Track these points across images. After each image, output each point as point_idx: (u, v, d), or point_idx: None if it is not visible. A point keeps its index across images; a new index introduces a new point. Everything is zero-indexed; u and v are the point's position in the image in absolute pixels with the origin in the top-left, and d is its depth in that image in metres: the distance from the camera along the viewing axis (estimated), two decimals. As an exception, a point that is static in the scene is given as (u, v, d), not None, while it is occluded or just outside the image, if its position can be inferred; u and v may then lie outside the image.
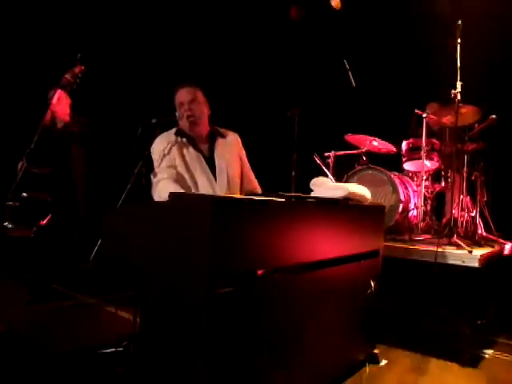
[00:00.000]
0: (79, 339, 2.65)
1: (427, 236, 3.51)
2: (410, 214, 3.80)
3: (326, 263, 2.08)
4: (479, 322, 3.27)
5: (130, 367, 2.06)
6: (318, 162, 4.07)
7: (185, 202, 1.54)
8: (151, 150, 2.47)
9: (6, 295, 2.36)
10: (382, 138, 4.10)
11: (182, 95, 2.49)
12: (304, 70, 5.38)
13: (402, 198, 3.71)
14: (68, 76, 3.61)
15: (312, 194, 2.27)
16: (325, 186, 2.27)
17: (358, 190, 2.33)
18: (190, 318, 1.51)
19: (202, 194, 1.62)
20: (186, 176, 2.43)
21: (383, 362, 2.54)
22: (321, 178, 2.33)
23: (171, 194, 1.58)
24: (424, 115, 3.60)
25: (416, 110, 3.75)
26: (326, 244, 2.07)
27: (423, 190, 3.66)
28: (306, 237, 1.90)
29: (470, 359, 2.65)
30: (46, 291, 3.67)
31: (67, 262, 3.95)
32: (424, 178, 3.67)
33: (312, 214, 1.97)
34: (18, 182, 3.49)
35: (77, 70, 3.60)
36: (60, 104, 3.78)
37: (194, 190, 2.40)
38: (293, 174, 3.84)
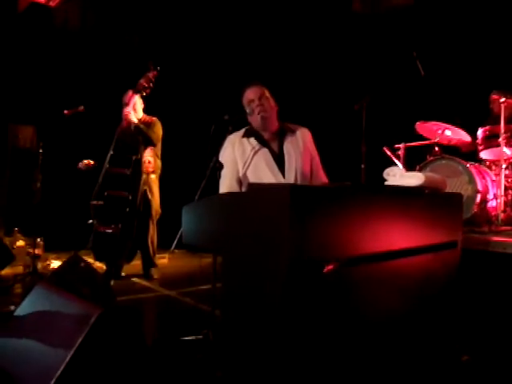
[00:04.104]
0: (162, 328, 2.80)
1: (509, 228, 3.33)
2: (489, 204, 3.61)
3: (402, 253, 2.04)
4: None
5: (209, 353, 2.17)
6: (389, 154, 3.99)
7: (264, 191, 1.59)
8: (220, 153, 2.53)
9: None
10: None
11: (251, 93, 2.56)
12: (371, 63, 5.29)
13: (480, 188, 3.53)
14: (143, 81, 3.85)
15: (386, 184, 2.24)
16: (399, 175, 2.23)
17: (434, 178, 2.26)
18: (269, 307, 1.55)
19: (280, 183, 1.67)
20: (252, 178, 2.47)
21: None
22: (395, 168, 2.29)
23: (250, 185, 1.63)
24: (502, 99, 3.40)
25: (493, 96, 3.56)
26: (401, 234, 2.02)
27: (503, 180, 3.47)
28: (381, 226, 1.87)
29: None
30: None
31: (144, 256, 4.16)
32: (504, 166, 3.48)
33: (387, 202, 1.95)
34: (101, 182, 3.76)
35: (150, 74, 3.83)
36: (134, 107, 4.01)
37: None
38: (362, 166, 3.80)
